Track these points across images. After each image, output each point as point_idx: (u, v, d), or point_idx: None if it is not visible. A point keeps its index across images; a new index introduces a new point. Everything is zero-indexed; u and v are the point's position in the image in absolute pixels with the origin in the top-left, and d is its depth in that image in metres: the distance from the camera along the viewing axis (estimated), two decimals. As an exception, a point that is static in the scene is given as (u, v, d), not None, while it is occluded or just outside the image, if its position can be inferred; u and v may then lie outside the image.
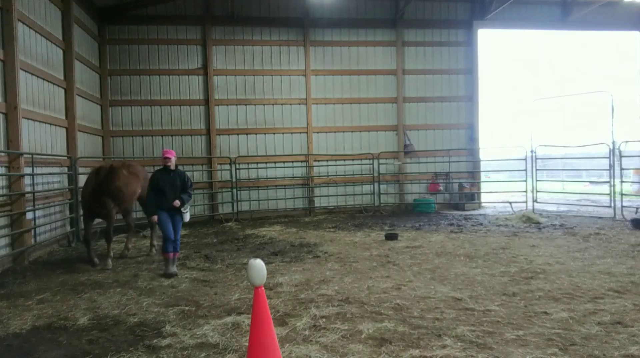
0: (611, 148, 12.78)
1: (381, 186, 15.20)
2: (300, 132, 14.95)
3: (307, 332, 4.51)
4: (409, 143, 15.52)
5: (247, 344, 3.74)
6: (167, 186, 7.21)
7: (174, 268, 7.13)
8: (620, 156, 12.58)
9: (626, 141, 13.20)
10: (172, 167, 7.35)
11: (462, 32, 16.01)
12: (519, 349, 4.00)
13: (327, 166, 15.03)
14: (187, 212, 7.36)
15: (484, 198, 16.34)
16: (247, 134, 14.67)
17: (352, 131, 15.35)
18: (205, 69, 14.41)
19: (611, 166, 12.77)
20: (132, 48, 14.08)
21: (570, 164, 19.63)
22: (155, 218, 7.29)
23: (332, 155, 15.02)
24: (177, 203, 7.19)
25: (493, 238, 9.61)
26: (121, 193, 7.84)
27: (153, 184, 7.26)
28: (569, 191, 17.36)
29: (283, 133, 14.89)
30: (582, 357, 3.84)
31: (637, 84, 17.99)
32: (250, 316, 3.86)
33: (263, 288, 3.56)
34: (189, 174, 8.01)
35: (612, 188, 12.71)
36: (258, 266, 3.53)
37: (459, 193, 15.62)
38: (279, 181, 14.72)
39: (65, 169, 10.46)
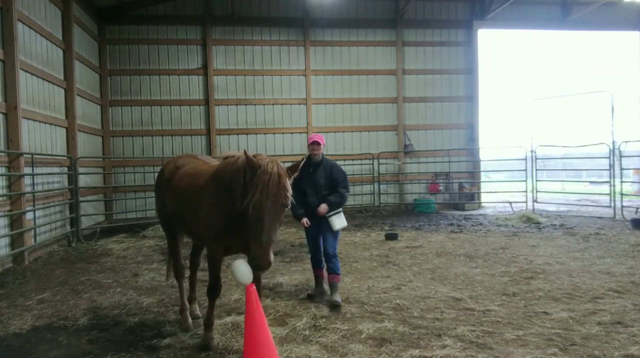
0: (611, 148, 12.78)
1: (381, 186, 15.19)
2: (300, 133, 14.95)
3: (307, 332, 4.51)
4: (409, 143, 15.51)
5: (247, 344, 3.74)
6: (307, 185, 5.39)
7: (336, 297, 5.29)
8: (620, 156, 12.58)
9: (626, 141, 13.20)
10: (319, 158, 5.49)
11: (462, 32, 16.00)
12: (519, 349, 4.00)
13: (327, 166, 15.00)
14: (334, 215, 5.40)
15: (484, 198, 16.34)
16: (247, 134, 14.67)
17: (352, 131, 15.35)
18: (205, 69, 14.41)
19: (611, 166, 12.77)
20: (132, 48, 14.08)
21: (570, 164, 19.64)
22: (306, 220, 5.44)
23: (332, 155, 14.98)
24: (322, 207, 5.34)
25: (493, 238, 9.61)
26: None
27: (297, 183, 5.15)
28: (569, 191, 17.35)
29: (283, 133, 14.89)
30: (582, 357, 3.84)
31: (637, 84, 17.99)
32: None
33: (254, 286, 3.56)
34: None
35: (612, 188, 12.72)
36: (237, 265, 3.50)
37: (459, 193, 15.61)
38: (279, 181, 14.69)
39: (65, 169, 10.46)
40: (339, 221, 5.45)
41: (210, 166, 4.50)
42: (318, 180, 5.40)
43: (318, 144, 5.40)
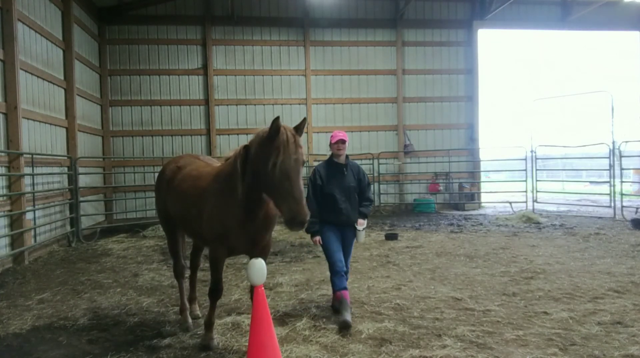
0: (611, 148, 12.78)
1: (381, 186, 15.19)
2: (300, 133, 14.92)
3: (307, 332, 4.51)
4: (409, 143, 15.52)
5: (247, 344, 3.74)
6: (336, 188, 4.78)
7: (348, 316, 4.57)
8: (620, 156, 12.58)
9: (626, 141, 13.20)
10: (344, 158, 4.96)
11: (462, 32, 16.01)
12: (519, 349, 3.99)
13: (327, 166, 15.00)
14: (363, 229, 4.94)
15: (484, 198, 16.34)
16: (247, 134, 14.64)
17: (352, 131, 15.34)
18: (205, 69, 14.41)
19: (611, 166, 12.77)
20: (132, 48, 14.08)
21: (570, 164, 19.63)
22: (319, 239, 4.84)
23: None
24: (361, 223, 4.88)
25: (493, 238, 9.61)
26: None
27: (315, 186, 4.91)
28: (569, 191, 17.36)
29: (283, 133, 14.86)
30: (582, 357, 3.84)
31: (637, 84, 18.00)
32: (250, 316, 3.86)
33: (263, 287, 3.56)
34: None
35: (612, 188, 12.72)
36: (258, 265, 3.52)
37: (459, 193, 15.62)
38: (279, 181, 14.69)
39: (65, 169, 10.46)
40: (365, 234, 5.05)
41: (212, 168, 4.47)
42: (349, 183, 4.84)
43: (344, 142, 4.84)
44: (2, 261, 7.69)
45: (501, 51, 47.78)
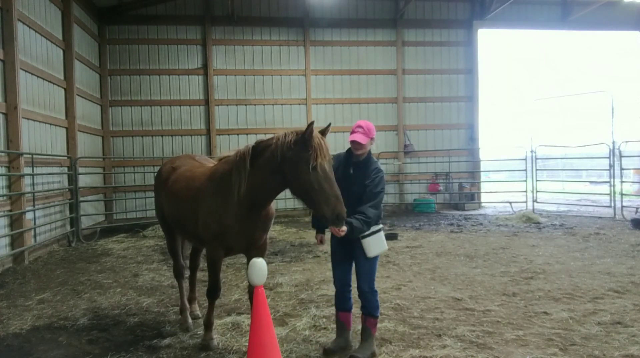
0: (611, 148, 12.78)
1: (381, 186, 15.16)
2: (300, 132, 14.92)
3: (307, 332, 4.51)
4: (409, 143, 15.51)
5: (247, 344, 3.74)
6: (342, 189, 3.59)
7: (365, 353, 3.85)
8: (620, 156, 12.59)
9: (626, 141, 13.20)
10: (364, 154, 4.06)
11: (462, 32, 16.01)
12: (519, 349, 4.00)
13: (327, 166, 15.00)
14: (370, 236, 3.89)
15: (484, 198, 16.33)
16: (247, 134, 14.67)
17: (352, 131, 15.32)
18: (205, 69, 14.41)
19: (611, 166, 12.78)
20: (132, 48, 14.08)
21: (570, 164, 19.62)
22: (322, 237, 4.16)
23: (332, 155, 14.97)
24: (342, 231, 3.60)
25: (493, 238, 9.61)
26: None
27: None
28: (569, 191, 17.35)
29: (283, 133, 14.86)
30: (582, 357, 3.84)
31: (637, 84, 18.01)
32: (250, 316, 3.86)
33: (263, 287, 3.56)
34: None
35: (612, 188, 12.72)
36: (259, 265, 3.51)
37: (459, 193, 15.62)
38: (279, 181, 14.69)
39: (65, 169, 10.46)
40: (376, 244, 3.92)
41: (206, 168, 4.45)
42: (352, 186, 3.89)
43: (358, 143, 3.93)
44: (2, 261, 7.69)
45: (501, 51, 47.72)
